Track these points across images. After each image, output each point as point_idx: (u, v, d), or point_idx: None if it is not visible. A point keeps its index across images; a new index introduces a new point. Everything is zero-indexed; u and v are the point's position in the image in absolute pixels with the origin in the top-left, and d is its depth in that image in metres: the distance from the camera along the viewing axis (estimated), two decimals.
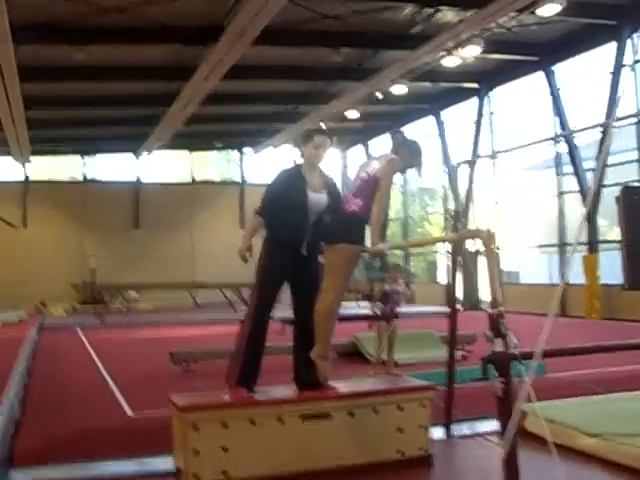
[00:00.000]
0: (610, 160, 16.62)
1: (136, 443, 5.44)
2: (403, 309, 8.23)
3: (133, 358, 10.81)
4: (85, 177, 29.18)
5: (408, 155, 5.11)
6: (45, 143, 25.07)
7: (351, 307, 20.72)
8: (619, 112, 16.23)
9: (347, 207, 4.95)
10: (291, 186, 5.08)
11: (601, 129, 16.25)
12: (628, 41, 16.58)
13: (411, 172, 5.40)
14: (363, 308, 8.69)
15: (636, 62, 16.46)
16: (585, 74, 18.59)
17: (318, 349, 4.88)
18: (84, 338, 13.79)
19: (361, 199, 4.91)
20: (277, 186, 5.19)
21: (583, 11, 15.56)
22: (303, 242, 5.01)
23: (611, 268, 16.85)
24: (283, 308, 5.61)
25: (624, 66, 16.71)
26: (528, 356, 3.26)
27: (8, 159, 24.95)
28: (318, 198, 5.07)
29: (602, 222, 18.61)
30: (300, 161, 5.32)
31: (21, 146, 22.07)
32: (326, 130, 5.31)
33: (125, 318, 18.79)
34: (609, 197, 15.63)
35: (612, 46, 16.98)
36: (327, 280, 4.91)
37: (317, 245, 5.12)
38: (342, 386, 5.17)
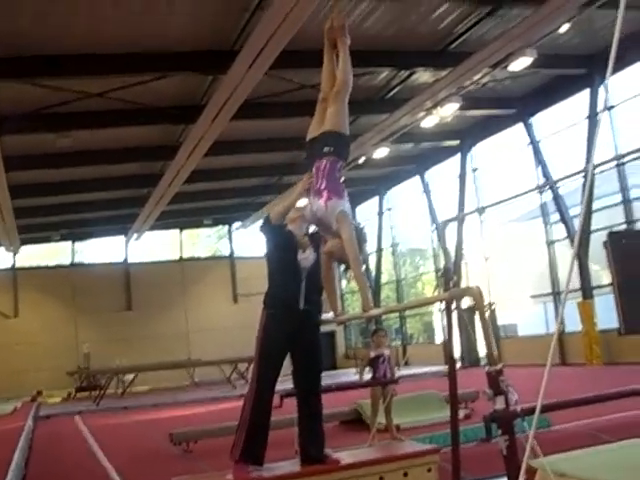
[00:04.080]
0: (595, 205, 16.80)
1: None
2: (402, 372, 8.12)
3: (132, 441, 10.60)
4: (73, 261, 29.12)
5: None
6: (34, 231, 25.11)
7: (350, 374, 20.59)
8: (599, 156, 16.45)
9: None
10: (282, 245, 5.08)
11: (583, 175, 16.40)
12: (601, 87, 16.94)
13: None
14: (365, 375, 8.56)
15: (610, 108, 16.75)
16: (563, 121, 18.85)
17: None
18: (81, 425, 13.52)
19: None
20: (270, 247, 5.23)
21: (554, 62, 15.95)
22: (299, 296, 4.96)
23: (608, 312, 16.78)
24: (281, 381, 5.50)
25: (598, 113, 17.01)
26: (530, 412, 3.20)
27: None
28: (307, 256, 5.06)
29: (594, 267, 18.60)
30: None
31: (10, 236, 22.07)
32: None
33: (122, 401, 18.52)
34: (598, 241, 15.71)
35: (586, 93, 17.31)
36: None
37: (315, 304, 5.06)
38: (346, 456, 5.05)
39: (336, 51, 5.04)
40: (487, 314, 3.40)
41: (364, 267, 5.10)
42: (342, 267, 4.63)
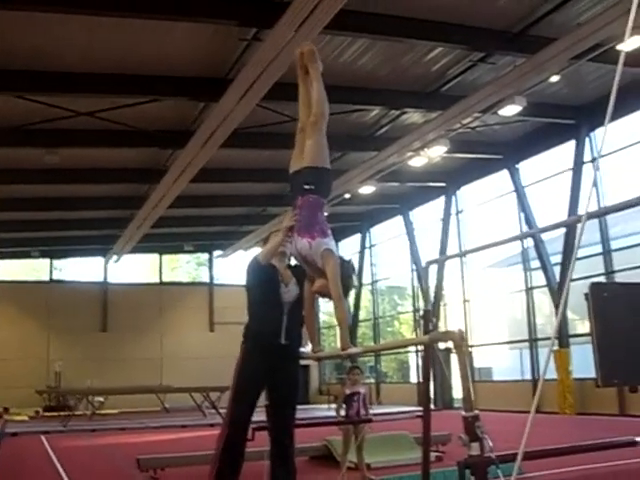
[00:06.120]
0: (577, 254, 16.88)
1: None
2: (375, 410, 8.04)
3: (98, 466, 10.43)
4: (51, 277, 28.86)
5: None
6: (13, 246, 24.93)
7: (322, 409, 20.46)
8: (582, 208, 16.62)
9: None
10: (264, 279, 5.04)
11: (566, 225, 16.56)
12: (587, 139, 17.17)
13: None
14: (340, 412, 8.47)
15: (594, 159, 16.96)
16: (549, 170, 19.03)
17: None
18: (47, 445, 13.34)
19: None
20: (251, 280, 5.15)
21: (543, 111, 16.19)
22: (280, 331, 4.91)
23: (583, 362, 16.80)
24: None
25: (584, 163, 17.20)
26: (505, 459, 3.18)
27: None
28: (289, 290, 5.03)
29: (572, 316, 18.69)
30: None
31: None
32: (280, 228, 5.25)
33: (90, 423, 18.27)
34: (576, 290, 15.76)
35: (572, 143, 17.53)
36: None
37: (296, 338, 5.02)
38: None
39: (309, 78, 5.03)
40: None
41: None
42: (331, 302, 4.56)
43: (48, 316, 27.42)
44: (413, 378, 25.58)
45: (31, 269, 29.30)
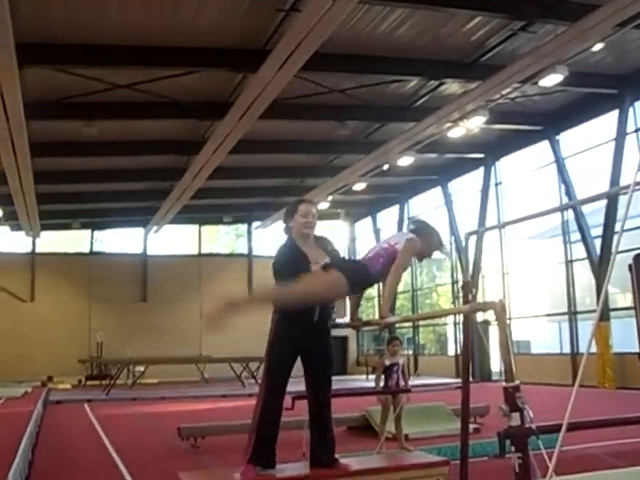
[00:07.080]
0: (618, 227, 16.65)
1: None
2: (413, 382, 8.05)
3: (140, 433, 10.63)
4: (92, 249, 29.32)
5: (428, 240, 5.02)
6: (55, 218, 25.29)
7: (360, 380, 20.56)
8: (624, 179, 16.35)
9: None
10: (293, 262, 5.01)
11: (608, 197, 16.31)
12: (630, 109, 16.86)
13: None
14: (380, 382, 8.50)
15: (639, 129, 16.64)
16: (590, 141, 18.71)
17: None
18: (90, 413, 13.61)
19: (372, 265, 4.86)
20: (280, 264, 5.11)
21: (584, 81, 15.83)
22: (315, 310, 4.91)
23: (623, 336, 16.62)
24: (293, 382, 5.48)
25: (627, 133, 16.90)
26: (546, 430, 3.17)
27: (18, 233, 25.24)
28: (319, 264, 5.00)
29: (612, 289, 18.46)
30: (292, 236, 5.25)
31: (31, 221, 22.26)
32: (308, 198, 5.24)
33: (131, 392, 18.57)
34: (617, 263, 15.52)
35: (614, 113, 17.22)
36: None
37: (328, 312, 5.03)
38: (356, 463, 5.02)
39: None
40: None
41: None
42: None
43: (89, 287, 27.92)
44: (451, 350, 25.58)
45: (72, 241, 29.69)
